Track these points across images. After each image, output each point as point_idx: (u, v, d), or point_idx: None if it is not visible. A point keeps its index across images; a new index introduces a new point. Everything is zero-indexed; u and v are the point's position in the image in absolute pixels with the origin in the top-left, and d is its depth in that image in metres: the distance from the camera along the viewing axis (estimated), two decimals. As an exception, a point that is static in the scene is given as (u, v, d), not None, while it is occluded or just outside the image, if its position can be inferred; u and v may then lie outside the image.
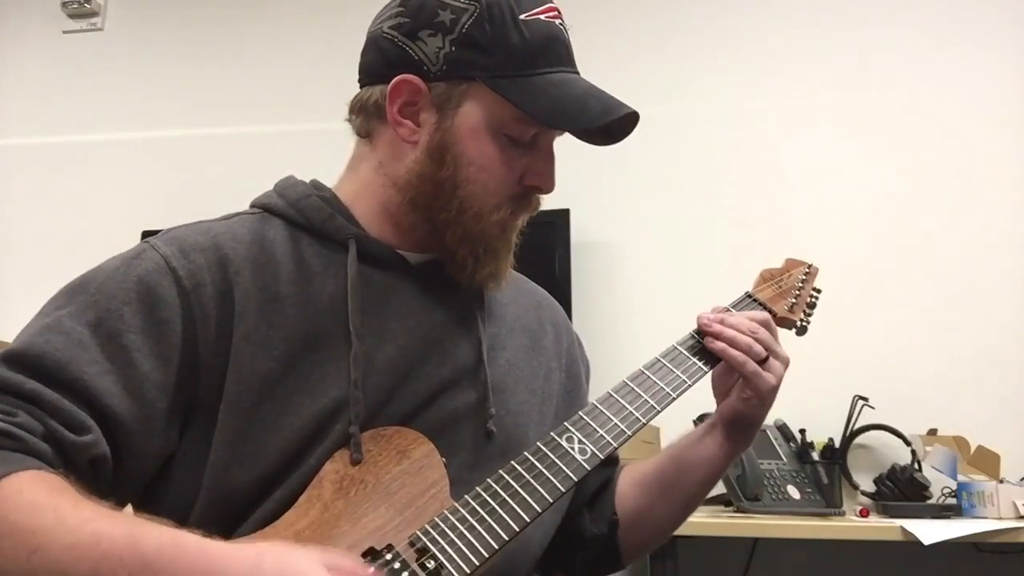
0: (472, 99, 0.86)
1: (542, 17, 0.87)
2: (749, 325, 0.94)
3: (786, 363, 0.96)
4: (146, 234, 0.95)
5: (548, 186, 0.91)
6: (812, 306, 1.10)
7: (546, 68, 0.86)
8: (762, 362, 0.93)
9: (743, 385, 0.94)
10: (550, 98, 0.85)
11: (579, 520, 1.02)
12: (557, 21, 0.89)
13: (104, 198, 2.68)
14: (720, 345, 0.93)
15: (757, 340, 0.93)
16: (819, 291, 1.11)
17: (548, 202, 0.96)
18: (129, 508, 0.83)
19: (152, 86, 2.76)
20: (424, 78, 0.87)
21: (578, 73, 0.90)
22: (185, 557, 0.64)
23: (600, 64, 0.93)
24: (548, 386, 0.99)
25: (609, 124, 0.88)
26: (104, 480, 0.76)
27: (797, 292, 1.08)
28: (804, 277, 1.10)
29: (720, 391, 0.98)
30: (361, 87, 0.93)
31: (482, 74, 0.85)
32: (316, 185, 0.95)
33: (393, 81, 0.87)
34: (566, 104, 0.85)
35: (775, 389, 0.94)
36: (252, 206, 0.94)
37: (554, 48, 0.88)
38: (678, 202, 2.35)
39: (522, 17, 0.86)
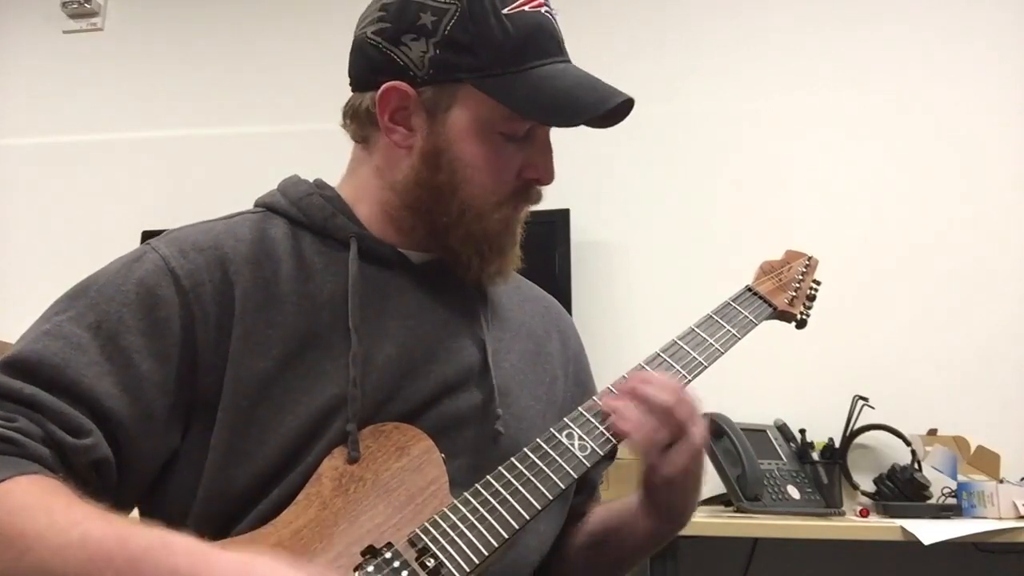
0: (462, 101, 0.85)
1: (526, 8, 0.85)
2: (662, 400, 0.82)
3: (699, 446, 0.84)
4: (146, 234, 0.95)
5: (547, 178, 0.90)
6: (812, 299, 1.08)
7: (534, 62, 0.85)
8: (667, 447, 0.82)
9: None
10: (540, 94, 0.84)
11: None
12: (542, 9, 0.87)
13: (104, 198, 2.68)
14: (626, 427, 0.82)
15: (672, 414, 0.82)
16: (819, 283, 1.10)
17: (548, 202, 0.95)
18: (134, 510, 0.83)
19: (152, 86, 2.76)
20: (412, 83, 0.85)
21: (569, 60, 0.89)
22: (173, 558, 0.63)
23: (600, 64, 0.92)
24: (552, 393, 0.98)
25: None
26: (108, 482, 0.76)
27: (797, 285, 1.06)
28: (804, 269, 1.09)
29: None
30: (352, 91, 0.93)
31: (469, 76, 0.84)
32: (319, 184, 0.94)
33: (381, 89, 0.86)
34: (557, 99, 0.84)
35: (689, 473, 0.84)
36: (255, 205, 0.94)
37: (540, 39, 0.86)
38: (678, 202, 2.34)
39: (505, 11, 0.84)
